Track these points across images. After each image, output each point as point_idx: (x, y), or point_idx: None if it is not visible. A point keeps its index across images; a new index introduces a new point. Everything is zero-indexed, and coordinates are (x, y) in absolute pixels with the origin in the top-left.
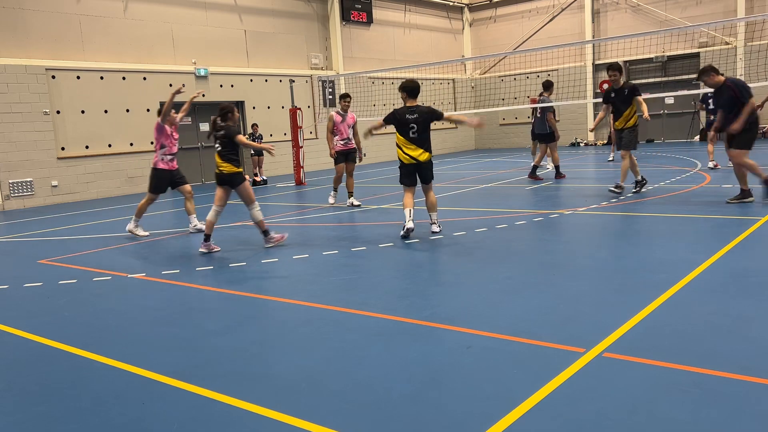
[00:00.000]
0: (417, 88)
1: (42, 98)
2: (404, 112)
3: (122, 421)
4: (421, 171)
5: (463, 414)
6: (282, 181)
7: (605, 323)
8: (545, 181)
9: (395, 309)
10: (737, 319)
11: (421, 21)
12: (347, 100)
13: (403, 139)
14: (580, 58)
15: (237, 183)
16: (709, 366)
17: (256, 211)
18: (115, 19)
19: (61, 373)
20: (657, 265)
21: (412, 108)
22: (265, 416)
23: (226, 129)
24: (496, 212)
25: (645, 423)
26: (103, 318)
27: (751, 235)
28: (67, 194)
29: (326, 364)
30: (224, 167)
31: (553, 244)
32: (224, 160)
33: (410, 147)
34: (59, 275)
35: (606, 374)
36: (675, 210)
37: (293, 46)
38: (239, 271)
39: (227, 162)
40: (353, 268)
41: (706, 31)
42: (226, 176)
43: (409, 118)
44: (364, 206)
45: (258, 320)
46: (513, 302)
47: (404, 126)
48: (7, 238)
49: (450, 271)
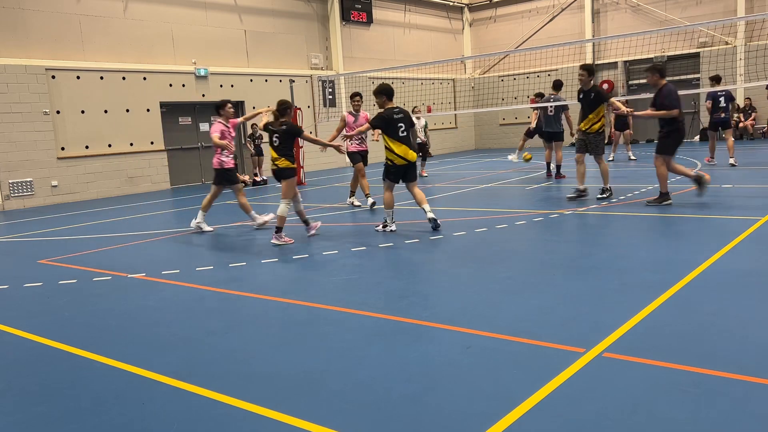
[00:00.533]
0: (393, 90)
1: (42, 98)
2: (391, 113)
3: (122, 421)
4: (410, 170)
5: (463, 414)
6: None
7: (605, 323)
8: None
9: (395, 309)
10: (737, 319)
11: (421, 21)
12: (357, 99)
13: (393, 140)
14: (580, 58)
15: (287, 176)
16: (709, 366)
17: (285, 207)
18: (115, 19)
19: (61, 373)
20: (657, 265)
21: (396, 109)
22: (265, 416)
23: (289, 125)
24: (496, 212)
25: (645, 423)
26: (103, 318)
27: (751, 235)
28: (67, 194)
29: (326, 364)
30: (280, 162)
31: (553, 244)
32: (281, 155)
33: (401, 147)
34: (59, 275)
35: (606, 374)
36: (675, 210)
37: (293, 46)
38: (239, 271)
39: (283, 157)
40: (353, 268)
41: (705, 31)
42: (281, 170)
43: (397, 117)
44: (363, 206)
45: (258, 320)
46: (513, 302)
47: (393, 125)
48: (7, 238)
49: (450, 271)
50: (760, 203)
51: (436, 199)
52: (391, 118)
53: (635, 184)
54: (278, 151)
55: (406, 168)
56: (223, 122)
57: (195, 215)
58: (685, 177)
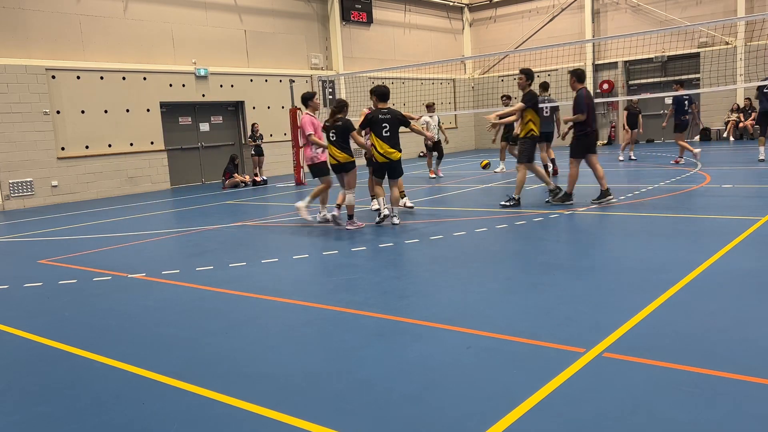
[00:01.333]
0: (387, 93)
1: (42, 98)
2: (377, 113)
3: (122, 421)
4: (392, 168)
5: (463, 414)
6: (282, 181)
7: (605, 323)
8: None
9: (395, 309)
10: (737, 319)
11: (421, 21)
12: None
13: (377, 139)
14: (580, 58)
15: (348, 169)
16: (709, 366)
17: (351, 196)
18: (115, 19)
19: (61, 373)
20: (657, 265)
21: (385, 110)
22: (265, 416)
23: (344, 122)
24: (496, 212)
25: (645, 423)
26: (103, 318)
27: (751, 235)
28: (67, 194)
29: (326, 364)
30: (340, 156)
31: (553, 244)
32: (340, 150)
33: (384, 146)
34: (59, 275)
35: (606, 374)
36: (675, 210)
37: (293, 46)
38: (239, 271)
39: (342, 151)
40: (353, 268)
41: (705, 31)
42: (342, 164)
43: (382, 117)
44: (363, 206)
45: (258, 320)
46: (513, 302)
47: (378, 125)
48: (7, 238)
49: (450, 271)
50: (760, 203)
51: (436, 199)
52: (376, 118)
53: (635, 184)
54: (336, 146)
55: (389, 166)
56: (311, 113)
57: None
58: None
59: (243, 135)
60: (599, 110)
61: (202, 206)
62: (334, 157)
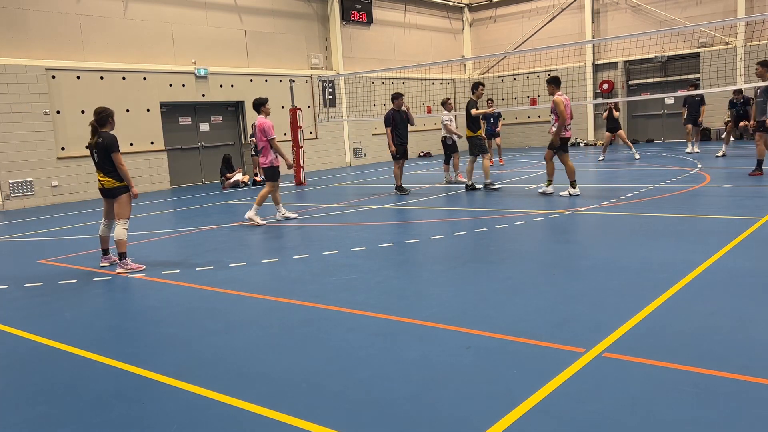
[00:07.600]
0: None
1: (42, 98)
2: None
3: (122, 421)
4: None
5: (463, 414)
6: (282, 181)
7: (605, 323)
8: None
9: (395, 309)
10: (737, 319)
11: (421, 21)
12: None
13: None
14: (580, 58)
15: (116, 195)
16: (709, 366)
17: (123, 230)
18: (115, 19)
19: (61, 373)
20: (657, 265)
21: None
22: (265, 416)
23: (106, 138)
24: (496, 212)
25: (645, 423)
26: (103, 318)
27: (751, 235)
28: (67, 194)
29: (326, 364)
30: (105, 181)
31: (553, 244)
32: (104, 174)
33: None
34: (59, 275)
35: (606, 374)
36: (675, 210)
37: (293, 46)
38: (239, 271)
39: (107, 175)
40: (353, 268)
41: (706, 31)
42: (108, 190)
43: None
44: (363, 206)
45: (258, 320)
46: (513, 302)
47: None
48: (7, 238)
49: (450, 271)
50: (760, 203)
51: (436, 199)
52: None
53: (636, 184)
54: (101, 170)
55: None
56: (265, 118)
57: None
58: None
59: (243, 135)
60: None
61: (202, 206)
62: (101, 182)
